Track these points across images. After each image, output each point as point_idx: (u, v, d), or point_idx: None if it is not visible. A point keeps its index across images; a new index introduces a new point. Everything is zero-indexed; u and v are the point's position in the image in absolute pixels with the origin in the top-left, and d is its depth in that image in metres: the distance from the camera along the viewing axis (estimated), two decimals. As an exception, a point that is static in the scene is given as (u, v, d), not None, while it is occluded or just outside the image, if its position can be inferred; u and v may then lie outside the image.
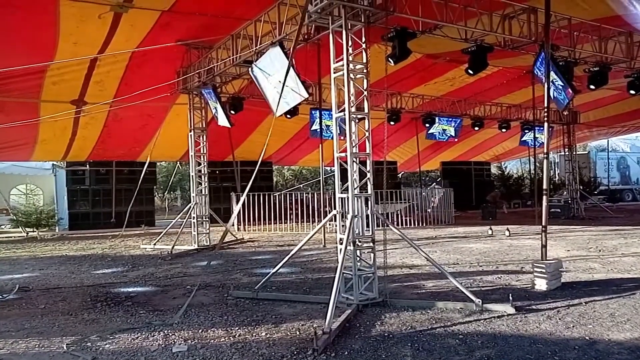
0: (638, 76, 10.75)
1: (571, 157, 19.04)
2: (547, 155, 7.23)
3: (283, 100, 7.93)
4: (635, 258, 8.40)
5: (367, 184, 5.93)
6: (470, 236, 12.36)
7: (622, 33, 9.76)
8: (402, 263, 8.38)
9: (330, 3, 6.04)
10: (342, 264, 5.33)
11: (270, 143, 17.99)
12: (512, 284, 6.63)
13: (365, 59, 6.08)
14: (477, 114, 17.37)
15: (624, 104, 17.82)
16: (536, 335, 4.50)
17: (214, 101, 10.98)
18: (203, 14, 9.03)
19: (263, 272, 7.48)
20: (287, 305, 5.72)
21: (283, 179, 29.19)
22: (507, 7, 8.24)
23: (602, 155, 28.89)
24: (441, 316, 5.14)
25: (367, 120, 6.09)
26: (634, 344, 4.20)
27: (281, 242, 12.12)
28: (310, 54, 9.95)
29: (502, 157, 26.29)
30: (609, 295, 5.82)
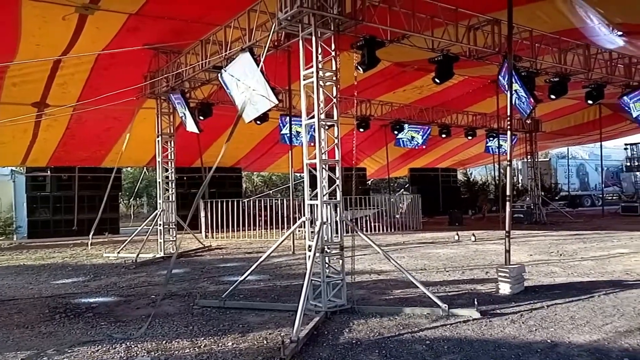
0: (595, 87, 11.23)
1: (533, 164, 19.63)
2: (510, 163, 7.45)
3: (253, 106, 7.91)
4: (594, 262, 8.71)
5: (336, 191, 5.95)
6: (438, 242, 12.56)
7: (580, 45, 10.19)
8: (371, 269, 8.43)
9: (300, 11, 6.08)
10: (311, 271, 5.32)
11: (240, 149, 17.92)
12: (477, 289, 6.75)
13: (334, 66, 6.12)
14: (445, 122, 17.73)
15: (583, 114, 18.60)
16: (500, 339, 4.59)
17: (182, 106, 10.81)
18: (172, 19, 8.89)
19: (231, 280, 7.37)
20: (254, 314, 5.65)
21: (252, 185, 28.98)
22: (472, 18, 8.46)
23: (562, 162, 29.95)
24: (409, 322, 5.18)
25: (337, 127, 6.12)
26: (593, 346, 4.33)
27: (250, 249, 11.99)
28: (281, 60, 9.92)
29: (467, 163, 26.92)
30: (569, 299, 5.99)
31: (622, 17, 8.25)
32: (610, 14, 8.07)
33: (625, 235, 12.76)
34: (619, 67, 11.26)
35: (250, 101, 7.71)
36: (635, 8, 7.64)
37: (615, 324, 4.94)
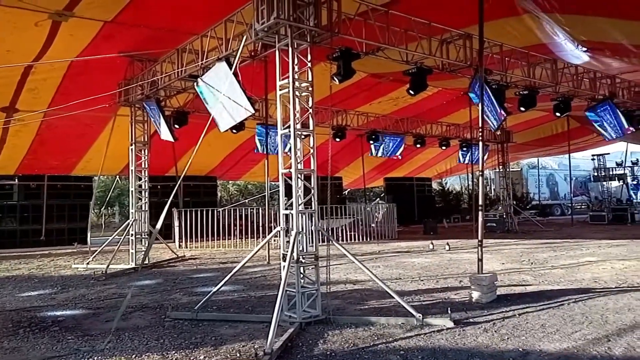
0: (563, 100, 11.61)
1: (505, 174, 20.07)
2: (482, 173, 7.59)
3: (229, 115, 7.87)
4: (564, 270, 8.92)
5: (312, 200, 5.95)
6: (413, 251, 12.67)
7: (548, 60, 10.53)
8: (346, 279, 8.43)
9: (277, 22, 6.12)
10: (285, 282, 5.28)
11: (215, 158, 17.79)
12: (451, 298, 6.83)
13: (310, 77, 6.16)
14: (419, 132, 18.00)
15: (552, 126, 19.14)
16: (473, 349, 4.64)
17: (157, 115, 10.68)
18: (148, 27, 8.82)
19: (204, 291, 7.27)
20: (228, 326, 5.57)
21: (228, 194, 28.72)
22: (444, 33, 8.66)
23: (533, 172, 30.74)
24: (383, 332, 5.19)
25: (312, 137, 6.14)
26: (563, 354, 4.42)
27: (224, 259, 11.85)
28: (257, 69, 9.94)
29: (442, 174, 27.33)
30: (540, 307, 6.11)
31: (585, 36, 8.58)
32: (575, 32, 8.38)
33: (594, 244, 13.13)
34: (584, 81, 11.68)
35: (226, 110, 7.68)
36: (597, 28, 7.95)
37: (584, 331, 5.05)
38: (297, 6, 6.21)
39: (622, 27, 7.81)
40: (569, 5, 7.27)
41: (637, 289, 7.06)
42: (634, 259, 10.15)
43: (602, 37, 8.80)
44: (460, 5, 7.75)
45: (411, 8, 7.80)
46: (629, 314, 5.67)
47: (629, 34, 8.22)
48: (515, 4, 7.82)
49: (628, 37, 8.41)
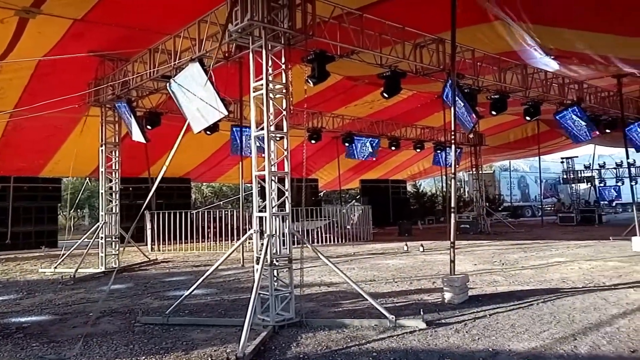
0: (532, 104, 11.90)
1: (478, 176, 20.44)
2: (455, 176, 7.70)
3: (202, 116, 7.76)
4: (534, 270, 9.11)
5: (286, 203, 5.93)
6: (387, 252, 12.76)
7: (518, 65, 10.79)
8: (320, 281, 8.42)
9: (251, 24, 6.08)
10: (258, 285, 5.25)
11: (190, 160, 17.56)
12: (424, 299, 6.89)
13: (284, 79, 6.14)
14: (394, 135, 18.17)
15: (523, 129, 19.60)
16: (445, 349, 4.69)
17: (128, 115, 10.47)
18: (119, 26, 8.64)
19: (176, 295, 7.13)
20: (200, 330, 5.49)
21: (202, 196, 28.38)
22: (418, 37, 8.77)
23: (505, 175, 31.39)
24: (356, 334, 5.20)
25: (286, 139, 6.12)
26: (531, 354, 4.50)
27: (198, 262, 11.69)
28: (232, 71, 9.86)
29: (417, 176, 27.65)
30: (510, 307, 6.22)
31: (553, 45, 8.82)
32: (543, 40, 8.61)
33: (562, 245, 13.47)
34: (553, 86, 12.00)
35: (200, 112, 7.58)
36: (564, 39, 8.19)
37: (551, 330, 5.16)
38: (272, 8, 6.19)
39: (588, 39, 8.07)
40: (537, 17, 7.46)
41: (602, 288, 7.27)
42: (600, 259, 10.46)
43: (570, 47, 9.07)
44: (433, 12, 7.85)
45: (385, 12, 7.87)
46: (594, 313, 5.82)
47: (594, 46, 8.50)
48: (486, 12, 7.99)
49: (594, 48, 8.70)
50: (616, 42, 7.93)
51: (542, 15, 7.31)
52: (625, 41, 7.76)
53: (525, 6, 7.00)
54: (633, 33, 7.35)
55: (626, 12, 6.71)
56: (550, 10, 7.14)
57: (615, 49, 8.64)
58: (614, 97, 13.50)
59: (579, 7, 6.87)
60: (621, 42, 7.89)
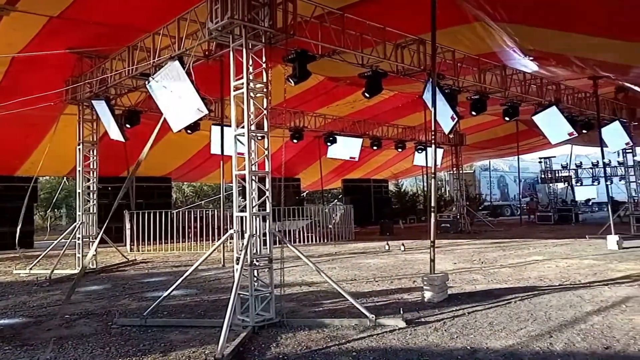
0: (511, 105, 12.08)
1: (459, 176, 20.67)
2: (435, 175, 7.78)
3: (181, 115, 7.69)
4: (512, 269, 9.26)
5: (266, 202, 5.90)
6: (369, 252, 12.81)
7: (498, 66, 10.94)
8: (301, 281, 8.41)
9: (231, 22, 6.04)
10: (238, 285, 5.21)
11: (171, 159, 17.36)
12: (404, 298, 6.94)
13: (265, 78, 6.11)
14: (376, 135, 18.25)
15: (502, 129, 19.85)
16: (424, 348, 4.72)
17: (106, 113, 10.30)
18: (97, 23, 8.49)
19: (155, 296, 7.04)
20: (178, 331, 5.43)
21: (183, 195, 28.09)
22: (399, 38, 8.82)
23: (485, 174, 31.82)
24: (336, 334, 5.20)
25: (267, 138, 6.10)
26: (508, 351, 4.57)
27: (178, 263, 11.56)
28: (212, 69, 9.77)
29: (399, 175, 27.83)
30: (488, 305, 6.30)
31: (532, 45, 8.96)
32: (522, 41, 8.74)
33: (540, 243, 13.72)
34: (532, 87, 12.20)
35: (179, 110, 7.50)
36: (543, 39, 8.33)
37: (528, 328, 5.25)
38: (252, 7, 6.16)
39: (566, 40, 8.20)
40: (516, 16, 7.57)
41: (578, 286, 7.42)
42: (576, 257, 10.67)
43: (548, 48, 9.22)
44: (414, 13, 7.90)
45: (366, 13, 7.89)
46: (570, 310, 5.93)
47: (572, 47, 8.65)
48: (466, 13, 8.07)
49: (571, 50, 8.85)
50: (593, 43, 8.07)
51: (521, 14, 7.41)
52: (602, 43, 7.91)
53: (504, 6, 7.09)
54: (610, 35, 7.49)
55: (604, 14, 6.83)
56: (529, 10, 7.24)
57: (592, 52, 8.81)
58: (590, 98, 13.79)
59: (558, 7, 6.98)
60: (597, 44, 8.04)
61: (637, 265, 9.17)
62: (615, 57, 8.84)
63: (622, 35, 7.25)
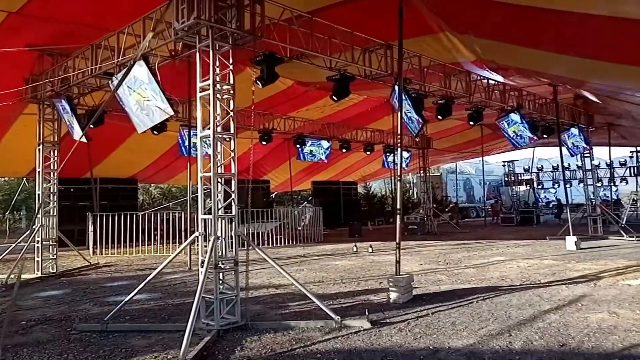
0: (475, 110, 12.40)
1: (426, 179, 21.01)
2: (400, 178, 7.90)
3: (146, 116, 7.54)
4: (475, 269, 9.49)
5: (232, 205, 5.87)
6: (337, 253, 12.88)
7: (462, 72, 11.21)
8: (269, 283, 8.38)
9: (197, 22, 5.98)
10: (202, 288, 5.16)
11: (137, 160, 17.01)
12: (370, 299, 7.01)
13: (232, 80, 6.08)
14: (345, 137, 18.38)
15: (468, 133, 20.32)
16: (388, 348, 4.79)
17: (68, 113, 9.99)
18: (59, 21, 8.23)
19: (117, 300, 6.86)
20: (140, 336, 5.32)
21: (150, 197, 27.49)
22: (367, 42, 8.92)
23: (451, 177, 32.48)
24: (302, 336, 5.22)
25: (233, 140, 6.07)
26: (469, 350, 4.69)
27: (143, 266, 11.31)
28: (180, 70, 9.64)
29: (368, 178, 28.08)
30: (452, 305, 6.45)
31: (494, 58, 9.24)
32: (485, 54, 9.00)
33: (503, 244, 14.11)
34: (495, 93, 12.56)
35: (144, 111, 7.36)
36: (505, 54, 8.61)
37: (489, 327, 5.39)
38: (219, 7, 6.11)
39: (527, 55, 8.49)
40: (480, 30, 7.79)
41: (538, 285, 7.68)
42: (536, 257, 11.03)
43: (510, 62, 9.52)
44: (382, 21, 8.02)
45: (335, 17, 7.94)
46: (529, 309, 6.13)
47: (530, 61, 8.96)
48: (432, 23, 8.24)
49: (532, 65, 9.16)
50: (550, 58, 8.39)
51: (483, 29, 7.63)
52: (560, 59, 8.22)
53: (467, 20, 7.29)
54: (567, 52, 7.80)
55: (555, 30, 7.12)
56: (489, 24, 7.46)
57: (550, 66, 9.15)
58: (550, 104, 14.29)
59: (516, 23, 7.22)
60: (555, 59, 8.35)
61: (594, 265, 9.55)
62: (571, 71, 9.20)
63: (578, 51, 7.57)
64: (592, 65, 8.00)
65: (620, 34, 6.49)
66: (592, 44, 7.18)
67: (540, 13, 6.59)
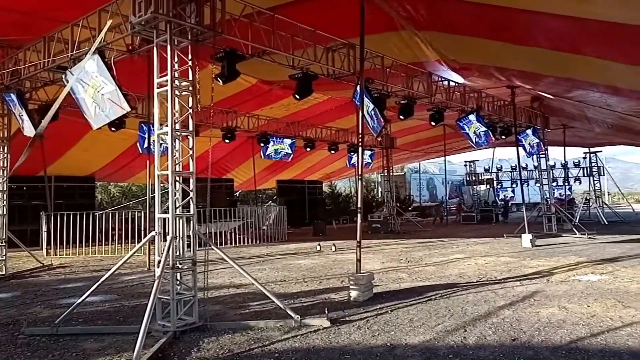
0: (437, 110, 12.65)
1: (389, 178, 21.28)
2: (362, 177, 7.96)
3: (102, 112, 7.30)
4: (435, 267, 9.67)
5: (190, 203, 5.76)
6: (300, 252, 12.87)
7: (424, 73, 11.41)
8: (230, 283, 8.29)
9: (155, 17, 5.83)
10: (157, 289, 5.03)
11: (95, 158, 16.48)
12: (331, 298, 7.04)
13: (191, 76, 5.96)
14: (309, 136, 18.39)
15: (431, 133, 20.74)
16: (346, 346, 4.82)
17: (18, 108, 9.56)
18: (8, 10, 7.85)
19: (70, 303, 6.58)
20: (93, 339, 5.15)
21: (109, 196, 26.69)
22: (329, 41, 8.94)
23: (415, 176, 33.06)
24: (261, 336, 5.18)
25: (192, 138, 5.95)
26: (425, 346, 4.77)
27: (99, 267, 10.93)
28: (139, 65, 9.37)
29: (332, 176, 28.21)
30: (410, 302, 6.55)
31: (455, 55, 9.44)
32: (446, 50, 9.18)
33: (463, 242, 14.46)
34: (456, 94, 12.85)
35: (99, 107, 7.12)
36: (465, 49, 8.80)
37: (445, 323, 5.51)
38: (178, 2, 5.98)
39: (484, 48, 8.71)
40: (439, 24, 7.94)
41: (494, 282, 7.90)
42: (493, 255, 11.36)
43: (469, 59, 9.74)
44: (344, 17, 8.05)
45: (297, 14, 7.92)
46: (484, 305, 6.30)
47: (491, 55, 9.20)
48: (394, 20, 8.34)
49: (491, 60, 9.42)
50: (510, 51, 8.61)
51: (442, 23, 7.77)
52: (519, 50, 8.45)
53: (426, 14, 7.41)
54: (523, 42, 8.03)
55: (516, 22, 7.32)
56: (449, 19, 7.61)
57: (509, 61, 9.41)
58: (508, 106, 14.74)
59: (476, 16, 7.39)
60: (514, 52, 8.58)
61: (547, 262, 9.92)
62: (531, 65, 9.48)
63: (538, 43, 7.80)
64: (551, 57, 8.23)
65: (577, 30, 6.74)
66: (551, 36, 7.40)
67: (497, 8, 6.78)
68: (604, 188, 34.40)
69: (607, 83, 9.55)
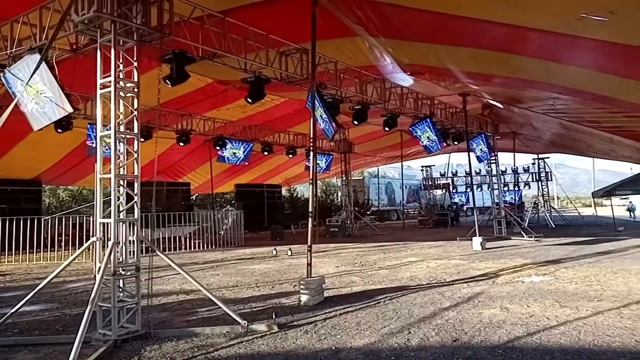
0: (390, 116, 12.89)
1: (347, 182, 21.46)
2: (315, 181, 8.00)
3: (43, 113, 7.02)
4: (388, 270, 9.80)
5: (134, 208, 5.61)
6: (256, 257, 12.77)
7: (378, 79, 11.61)
8: (180, 289, 8.12)
9: (98, 16, 5.68)
10: (96, 296, 4.87)
11: (40, 159, 15.79)
12: (282, 302, 7.01)
13: (136, 77, 5.82)
14: (267, 140, 18.31)
15: (389, 138, 21.10)
16: (291, 351, 4.80)
17: (-47, 107, 9.05)
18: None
19: (6, 313, 6.31)
20: (28, 351, 4.92)
21: (57, 200, 25.58)
22: (282, 46, 8.96)
23: (374, 181, 33.49)
24: (206, 342, 5.09)
25: (137, 140, 5.81)
26: (369, 349, 4.82)
27: (43, 274, 10.43)
28: (85, 64, 9.07)
29: (292, 181, 28.17)
30: (360, 306, 6.60)
31: (407, 58, 9.64)
32: (398, 54, 9.36)
33: (417, 245, 14.74)
34: (409, 100, 13.13)
35: (40, 107, 6.84)
36: (416, 51, 9.00)
37: (391, 326, 5.59)
38: (124, 2, 5.85)
39: (435, 51, 8.93)
40: (390, 31, 8.09)
41: (442, 284, 8.08)
42: (445, 258, 11.64)
43: (421, 61, 9.94)
44: (296, 21, 8.08)
45: (248, 18, 7.89)
46: (431, 307, 6.44)
47: (441, 58, 9.43)
48: (347, 26, 8.44)
49: (441, 62, 9.65)
50: (459, 54, 8.86)
51: (392, 30, 7.92)
52: (466, 52, 8.70)
53: (376, 22, 7.53)
54: (472, 45, 8.28)
55: (462, 28, 7.56)
56: (398, 26, 7.76)
57: (459, 62, 9.66)
58: (460, 113, 15.20)
59: (422, 23, 7.57)
60: (464, 54, 8.83)
61: (494, 264, 10.25)
62: (479, 66, 9.75)
63: (486, 45, 8.06)
64: (500, 57, 8.52)
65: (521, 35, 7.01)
66: (499, 39, 7.66)
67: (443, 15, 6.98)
68: (553, 193, 36.00)
69: (551, 82, 9.89)
